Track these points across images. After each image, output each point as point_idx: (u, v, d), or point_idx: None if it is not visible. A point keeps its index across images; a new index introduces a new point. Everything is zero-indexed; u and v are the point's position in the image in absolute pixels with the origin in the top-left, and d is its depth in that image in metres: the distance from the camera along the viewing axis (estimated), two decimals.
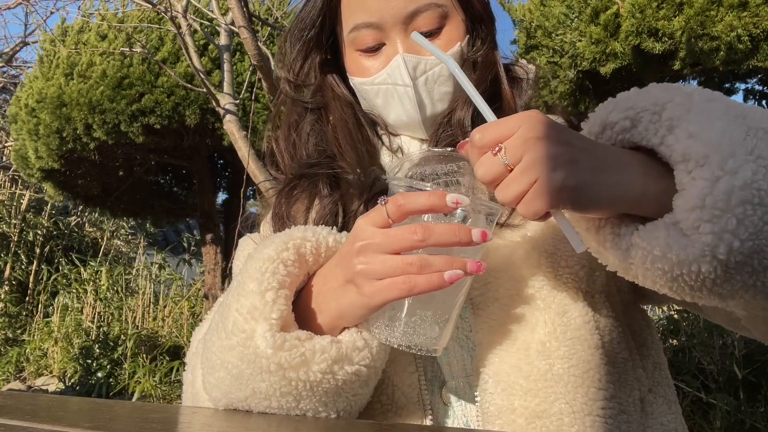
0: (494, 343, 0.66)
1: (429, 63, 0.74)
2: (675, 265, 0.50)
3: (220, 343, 0.60)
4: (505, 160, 0.51)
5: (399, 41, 0.74)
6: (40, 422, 0.49)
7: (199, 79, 2.76)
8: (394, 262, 0.54)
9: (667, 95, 0.54)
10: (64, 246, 7.34)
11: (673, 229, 0.51)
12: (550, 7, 3.31)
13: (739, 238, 0.47)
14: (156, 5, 3.03)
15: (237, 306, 0.59)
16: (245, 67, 4.50)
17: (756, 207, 0.47)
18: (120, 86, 4.36)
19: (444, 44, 0.75)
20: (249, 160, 2.49)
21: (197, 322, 5.22)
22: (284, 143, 0.86)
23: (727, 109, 0.52)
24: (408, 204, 0.54)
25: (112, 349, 4.85)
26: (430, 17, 0.74)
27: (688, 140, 0.50)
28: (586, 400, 0.62)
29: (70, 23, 4.92)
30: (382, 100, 0.78)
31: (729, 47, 2.76)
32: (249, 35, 2.18)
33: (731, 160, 0.48)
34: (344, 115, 0.82)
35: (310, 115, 0.85)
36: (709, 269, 0.49)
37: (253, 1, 3.96)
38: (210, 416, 0.59)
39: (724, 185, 0.47)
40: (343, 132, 0.81)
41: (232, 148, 2.74)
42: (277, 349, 0.55)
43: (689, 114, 0.51)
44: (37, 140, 4.71)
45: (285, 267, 0.59)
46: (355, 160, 0.78)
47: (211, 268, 5.44)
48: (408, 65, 0.73)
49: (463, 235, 0.53)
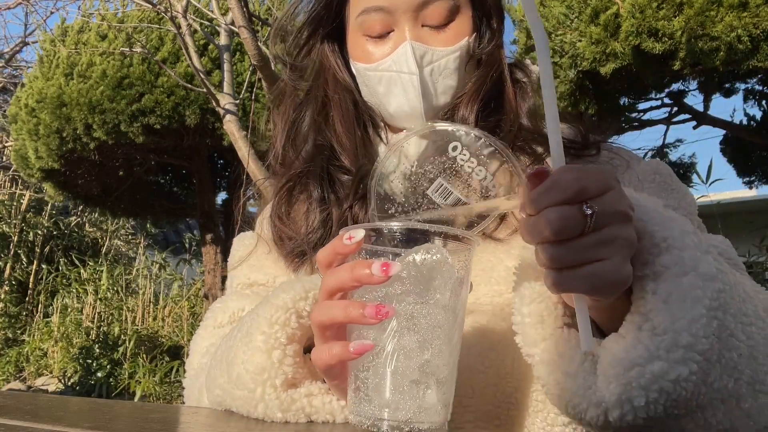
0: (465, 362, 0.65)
1: (436, 54, 0.74)
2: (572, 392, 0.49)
3: (226, 386, 0.59)
4: (591, 223, 0.45)
5: (407, 29, 0.73)
6: (40, 422, 0.49)
7: (199, 79, 2.76)
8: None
9: (674, 236, 0.48)
10: (64, 246, 7.35)
11: (590, 362, 0.49)
12: (550, 8, 3.31)
13: (637, 414, 0.46)
14: (156, 5, 3.03)
15: (243, 358, 0.57)
16: (245, 67, 4.50)
17: (668, 401, 0.45)
18: (120, 86, 4.36)
19: (452, 37, 0.74)
20: (249, 160, 2.49)
21: (197, 322, 5.22)
22: (283, 138, 0.84)
23: (714, 295, 0.47)
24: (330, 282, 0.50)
25: (112, 349, 4.85)
26: (440, 8, 0.73)
27: (662, 304, 0.46)
28: (544, 425, 0.61)
29: (70, 23, 4.92)
30: (384, 87, 0.76)
31: (729, 47, 2.76)
32: (249, 35, 2.18)
33: (681, 351, 0.45)
34: (344, 102, 0.80)
35: (309, 108, 0.83)
36: (594, 416, 0.47)
37: (253, 1, 3.96)
38: (210, 416, 0.59)
39: (658, 368, 0.45)
40: (342, 122, 0.79)
41: (232, 148, 2.75)
42: (284, 411, 0.55)
43: (678, 278, 0.47)
44: (37, 140, 4.71)
45: (298, 318, 0.57)
46: (352, 154, 0.77)
47: (211, 268, 5.44)
48: (416, 53, 0.72)
49: (361, 272, 0.47)
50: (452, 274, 0.49)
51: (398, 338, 0.47)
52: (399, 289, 0.48)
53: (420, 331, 0.48)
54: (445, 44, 0.74)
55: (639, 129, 4.93)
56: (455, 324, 0.50)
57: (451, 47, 0.74)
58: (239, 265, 0.84)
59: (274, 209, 0.80)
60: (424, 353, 0.48)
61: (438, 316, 0.48)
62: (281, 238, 0.78)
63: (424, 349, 0.48)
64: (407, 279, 0.48)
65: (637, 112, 4.81)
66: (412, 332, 0.48)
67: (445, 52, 0.73)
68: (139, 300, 5.69)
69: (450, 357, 0.49)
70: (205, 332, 0.75)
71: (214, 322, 0.75)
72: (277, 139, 0.85)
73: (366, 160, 0.77)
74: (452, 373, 0.50)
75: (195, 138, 4.79)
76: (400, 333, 0.47)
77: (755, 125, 4.73)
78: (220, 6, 3.12)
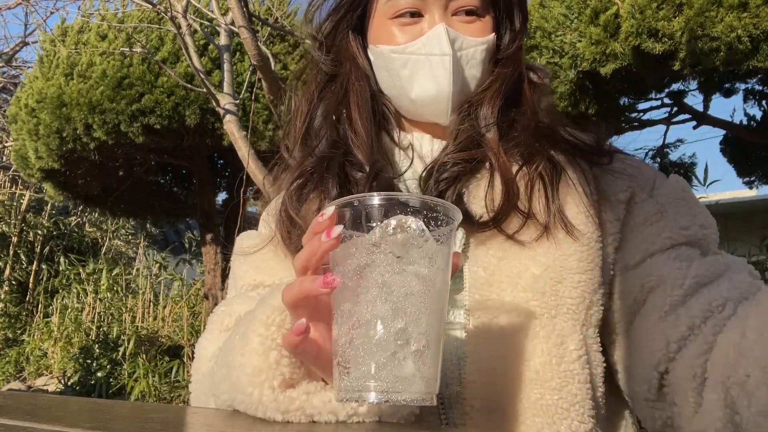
0: (488, 366, 0.65)
1: (467, 42, 0.74)
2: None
3: (230, 390, 0.59)
4: None
5: (438, 17, 0.74)
6: (40, 422, 0.49)
7: (199, 79, 2.76)
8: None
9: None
10: (64, 246, 7.35)
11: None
12: (550, 8, 3.31)
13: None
14: (156, 5, 3.03)
15: (241, 361, 0.57)
16: (245, 67, 4.50)
17: None
18: (120, 86, 4.36)
19: (480, 29, 0.75)
20: (249, 160, 2.49)
21: (197, 322, 5.22)
22: (297, 130, 0.82)
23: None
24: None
25: (112, 349, 4.85)
26: (471, 1, 0.74)
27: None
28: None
29: (70, 23, 4.92)
30: (410, 70, 0.75)
31: (729, 48, 2.76)
32: (249, 35, 2.18)
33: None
34: (363, 92, 0.79)
35: (330, 98, 0.82)
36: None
37: (253, 1, 3.96)
38: (211, 416, 0.59)
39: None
40: (359, 113, 0.78)
41: (232, 148, 2.75)
42: (284, 413, 0.55)
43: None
44: (37, 140, 4.71)
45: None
46: (367, 148, 0.76)
47: (211, 268, 5.44)
48: (450, 35, 0.73)
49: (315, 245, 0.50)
50: (430, 243, 0.49)
51: (372, 307, 0.47)
52: (375, 259, 0.48)
53: (393, 299, 0.47)
54: (474, 35, 0.75)
55: (639, 129, 4.93)
56: (434, 293, 0.49)
57: (480, 38, 0.75)
58: (243, 258, 0.82)
59: (285, 207, 0.78)
60: (398, 321, 0.47)
61: (412, 284, 0.48)
62: (290, 234, 0.77)
63: (397, 316, 0.47)
64: (382, 248, 0.48)
65: (637, 112, 4.80)
66: (386, 301, 0.47)
67: (474, 42, 0.74)
68: (138, 300, 5.70)
69: (428, 327, 0.49)
70: (212, 336, 0.74)
71: (220, 326, 0.74)
72: (290, 129, 0.84)
73: (380, 155, 0.76)
74: (434, 346, 0.49)
75: (195, 138, 4.79)
76: (373, 302, 0.47)
77: (755, 125, 4.73)
78: (220, 6, 3.12)
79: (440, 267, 0.50)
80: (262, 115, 4.63)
